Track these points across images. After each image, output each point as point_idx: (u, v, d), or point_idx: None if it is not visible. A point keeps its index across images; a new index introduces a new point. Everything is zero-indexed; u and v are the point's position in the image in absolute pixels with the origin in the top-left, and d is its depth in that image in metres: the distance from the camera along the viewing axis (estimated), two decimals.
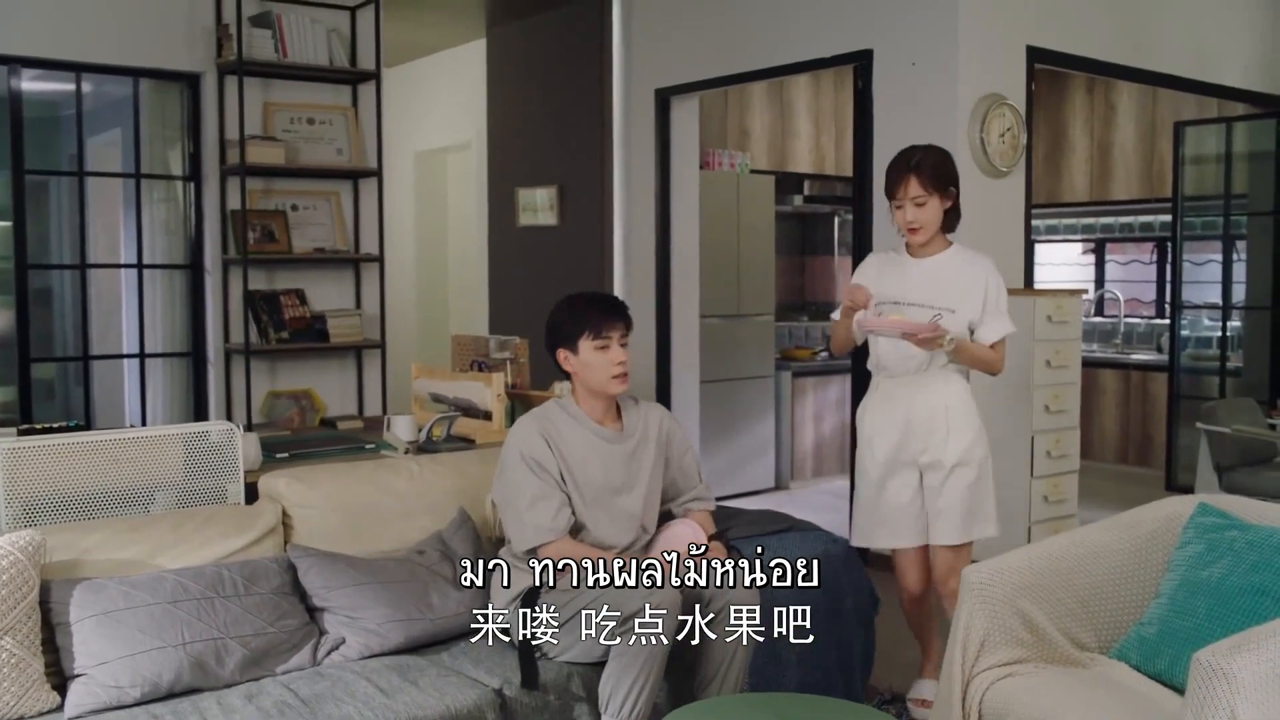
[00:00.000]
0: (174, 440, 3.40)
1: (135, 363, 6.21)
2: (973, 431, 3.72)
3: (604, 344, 3.24)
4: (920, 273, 3.73)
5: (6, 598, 2.68)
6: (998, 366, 3.72)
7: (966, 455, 3.70)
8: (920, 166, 3.60)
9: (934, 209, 3.64)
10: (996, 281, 3.72)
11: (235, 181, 5.91)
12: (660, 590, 2.93)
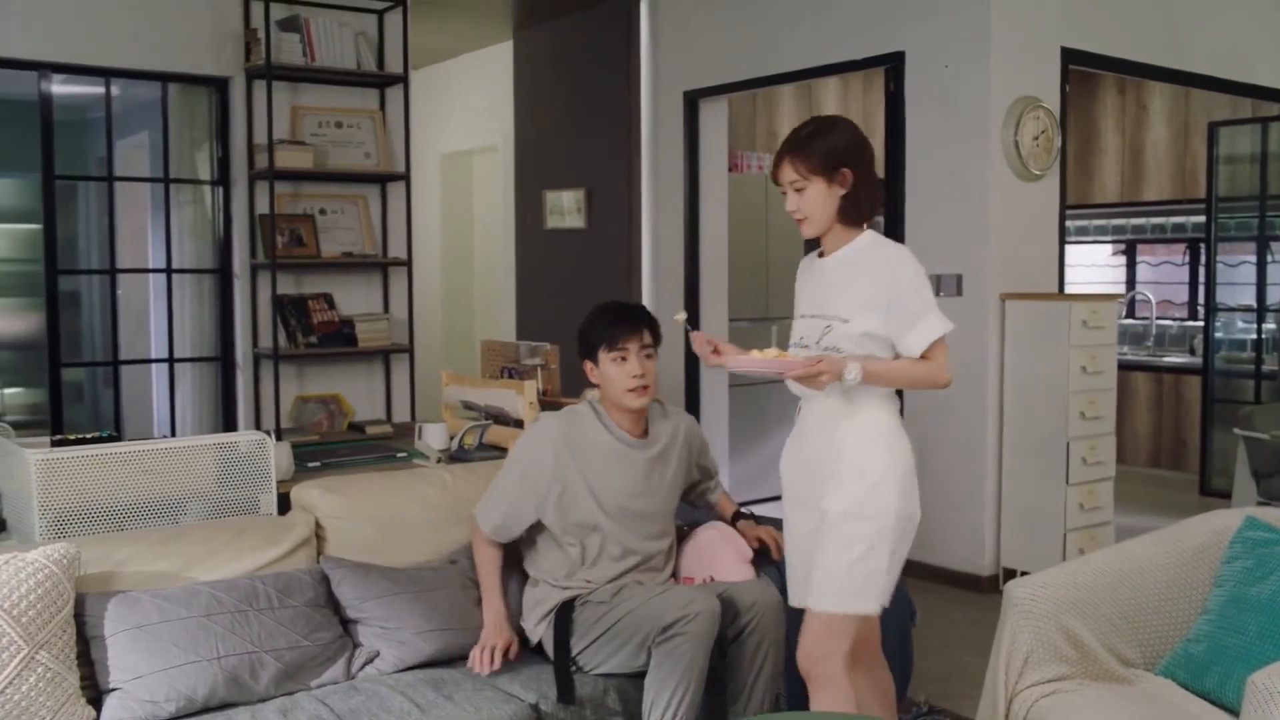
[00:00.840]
0: (206, 451, 3.38)
1: (164, 367, 6.20)
2: (873, 478, 2.82)
3: (620, 355, 3.20)
4: (821, 275, 3.01)
5: (42, 611, 2.66)
6: (940, 379, 2.86)
7: (857, 508, 2.81)
8: (798, 146, 2.88)
9: (818, 196, 2.86)
10: (909, 276, 2.86)
11: (264, 185, 5.90)
12: (698, 598, 2.91)
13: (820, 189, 2.86)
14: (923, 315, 2.83)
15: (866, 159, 2.90)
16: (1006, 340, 5.37)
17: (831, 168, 2.84)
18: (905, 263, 2.89)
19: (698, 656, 2.87)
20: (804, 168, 2.86)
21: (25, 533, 3.17)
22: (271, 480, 3.44)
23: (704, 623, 2.87)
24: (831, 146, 2.85)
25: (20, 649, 2.59)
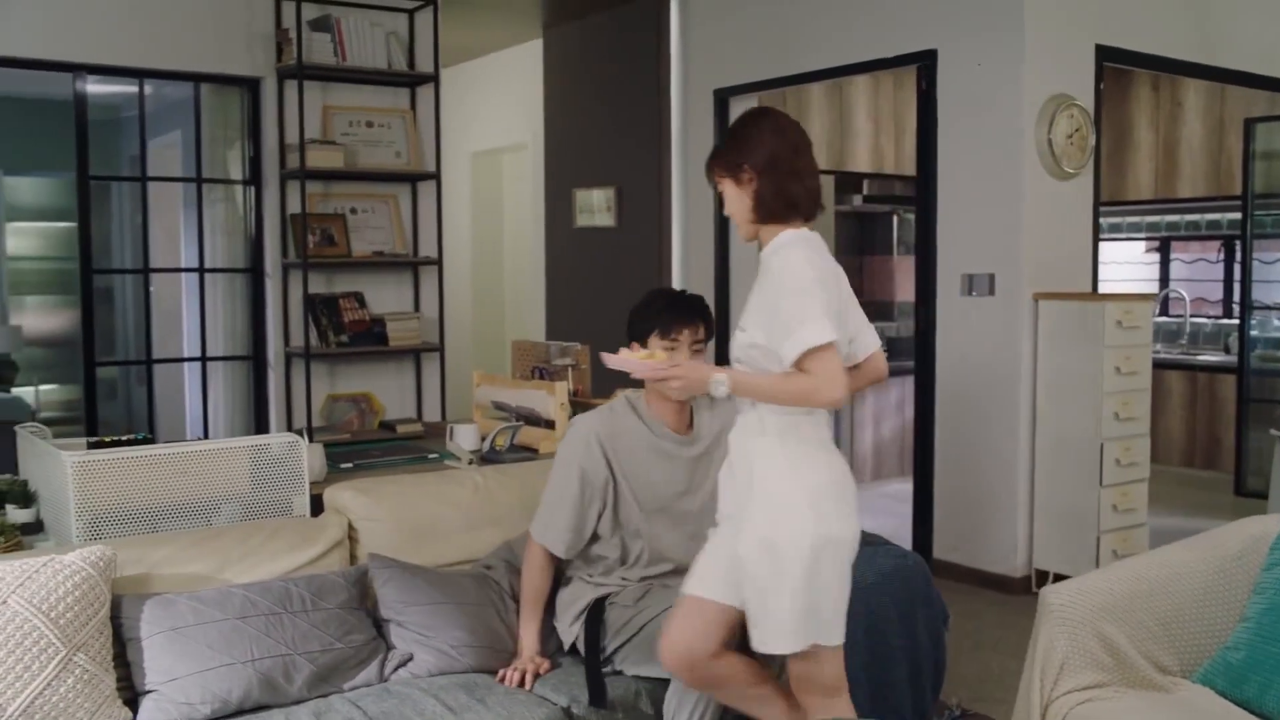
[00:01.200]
0: (240, 453, 3.39)
1: (197, 366, 6.24)
2: (779, 502, 2.59)
3: (672, 345, 3.15)
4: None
5: (80, 614, 2.68)
6: (814, 395, 2.49)
7: (762, 540, 2.59)
8: (714, 148, 2.79)
9: (731, 197, 2.70)
10: (789, 283, 2.56)
11: (295, 185, 5.93)
12: None
13: (731, 190, 2.71)
14: (799, 325, 2.49)
15: (774, 154, 2.65)
16: (1040, 340, 5.33)
17: (735, 167, 2.69)
18: (788, 268, 2.58)
19: None
20: (715, 169, 2.75)
21: (62, 534, 3.19)
22: (304, 482, 3.45)
23: None
24: (735, 145, 2.71)
25: (58, 650, 2.62)
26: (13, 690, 2.55)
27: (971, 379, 5.54)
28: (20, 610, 2.60)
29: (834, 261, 2.69)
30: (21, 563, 2.69)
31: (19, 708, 2.55)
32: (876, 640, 3.48)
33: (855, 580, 3.45)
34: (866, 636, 3.45)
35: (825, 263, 2.63)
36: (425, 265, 6.33)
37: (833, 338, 2.48)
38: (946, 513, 5.69)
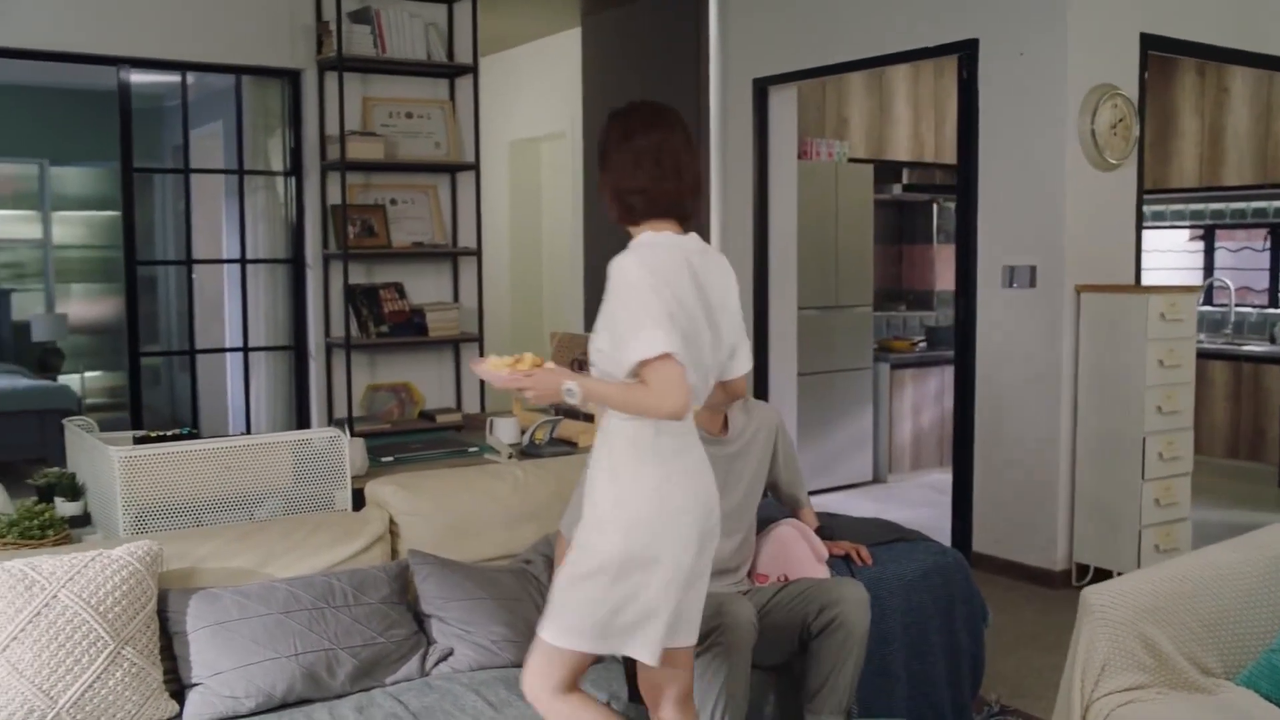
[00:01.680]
0: (282, 447, 3.43)
1: (239, 355, 6.30)
2: (599, 511, 2.48)
3: None
4: None
5: (127, 608, 2.72)
6: (653, 407, 2.33)
7: (584, 538, 2.50)
8: None
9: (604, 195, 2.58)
10: (625, 288, 2.36)
11: (335, 176, 5.96)
12: (732, 607, 2.90)
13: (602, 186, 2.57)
14: (633, 335, 2.32)
15: (607, 152, 2.50)
16: (1081, 333, 5.29)
17: (599, 167, 2.56)
18: (623, 271, 2.38)
19: (736, 665, 2.88)
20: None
21: (109, 527, 3.24)
22: (346, 476, 3.48)
23: (737, 633, 2.87)
24: (600, 143, 2.57)
25: (107, 644, 2.66)
26: (64, 683, 2.60)
27: (1012, 371, 5.50)
28: (70, 604, 2.65)
29: (710, 268, 2.48)
30: (70, 557, 2.74)
31: (70, 700, 2.60)
32: (915, 637, 3.49)
33: (895, 576, 3.48)
34: (905, 633, 3.46)
35: (675, 269, 2.40)
36: (464, 256, 6.36)
37: (665, 349, 2.29)
38: (986, 505, 5.66)
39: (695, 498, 2.47)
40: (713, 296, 2.48)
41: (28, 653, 2.59)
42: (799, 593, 3.12)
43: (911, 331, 8.64)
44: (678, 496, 2.44)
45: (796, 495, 3.55)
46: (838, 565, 3.44)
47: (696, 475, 2.49)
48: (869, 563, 3.47)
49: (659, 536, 2.41)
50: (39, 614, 2.62)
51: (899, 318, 8.66)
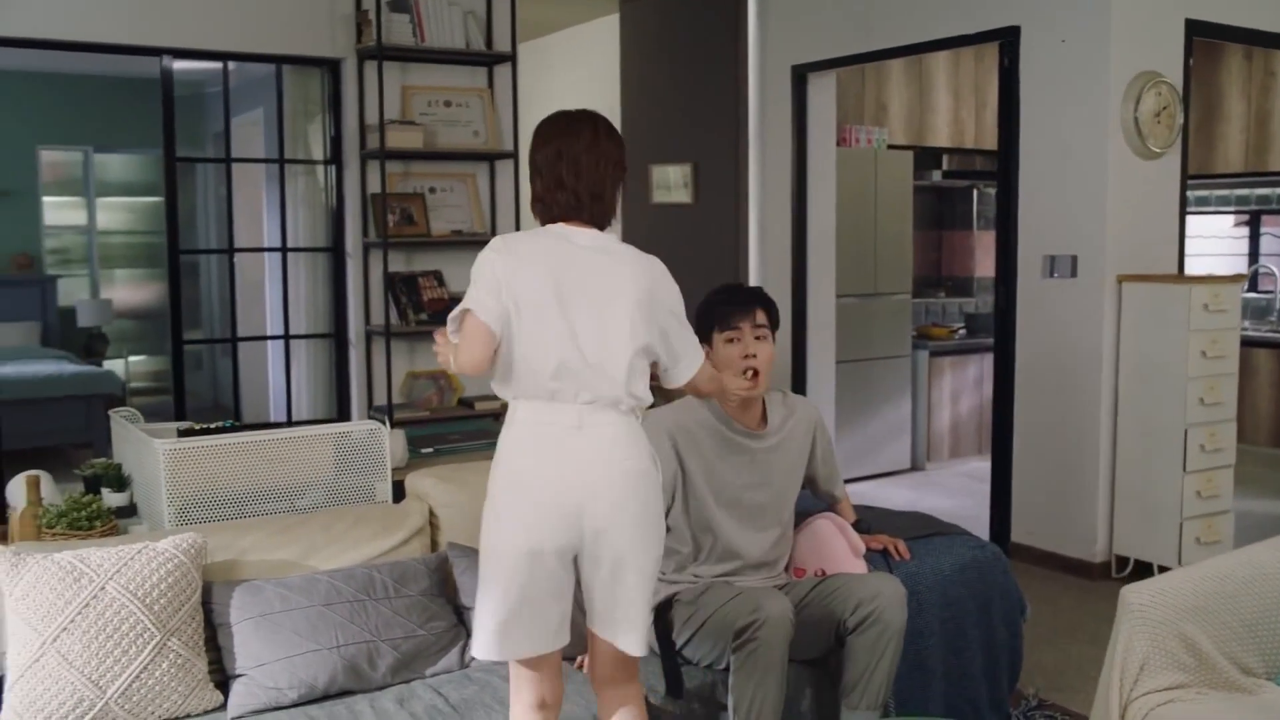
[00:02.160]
0: (324, 440, 3.47)
1: (280, 343, 6.36)
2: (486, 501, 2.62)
3: (733, 335, 3.17)
4: None
5: (173, 600, 2.77)
6: (455, 356, 2.54)
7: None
8: None
9: None
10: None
11: (375, 165, 5.99)
12: (767, 603, 2.91)
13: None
14: (465, 300, 2.50)
15: (530, 161, 2.67)
16: (1123, 323, 5.25)
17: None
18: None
19: (772, 661, 2.88)
20: None
21: (155, 518, 3.29)
22: (387, 468, 3.52)
23: (773, 628, 2.87)
24: None
25: (153, 636, 2.71)
26: (112, 673, 2.65)
27: (1052, 361, 5.47)
28: (117, 596, 2.70)
29: (600, 267, 2.53)
30: (118, 550, 2.79)
31: (118, 690, 2.65)
32: (953, 632, 3.48)
33: (932, 571, 3.47)
34: (943, 628, 3.46)
35: (531, 254, 2.49)
36: None
37: (468, 305, 2.44)
38: (1025, 496, 5.64)
39: (537, 476, 2.48)
40: (587, 291, 2.50)
41: (77, 643, 2.64)
42: (836, 588, 3.13)
43: (951, 318, 8.60)
44: (527, 476, 2.48)
45: (834, 491, 3.55)
46: (875, 560, 3.44)
47: (550, 460, 2.48)
48: (906, 557, 3.47)
49: (509, 527, 2.48)
50: (88, 605, 2.67)
51: (938, 304, 8.62)
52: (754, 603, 2.92)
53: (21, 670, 2.62)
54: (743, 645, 2.89)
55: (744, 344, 3.15)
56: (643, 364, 2.55)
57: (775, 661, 2.89)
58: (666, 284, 2.60)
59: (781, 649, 2.90)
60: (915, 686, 3.39)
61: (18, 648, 2.65)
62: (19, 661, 2.63)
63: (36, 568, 2.70)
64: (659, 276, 2.61)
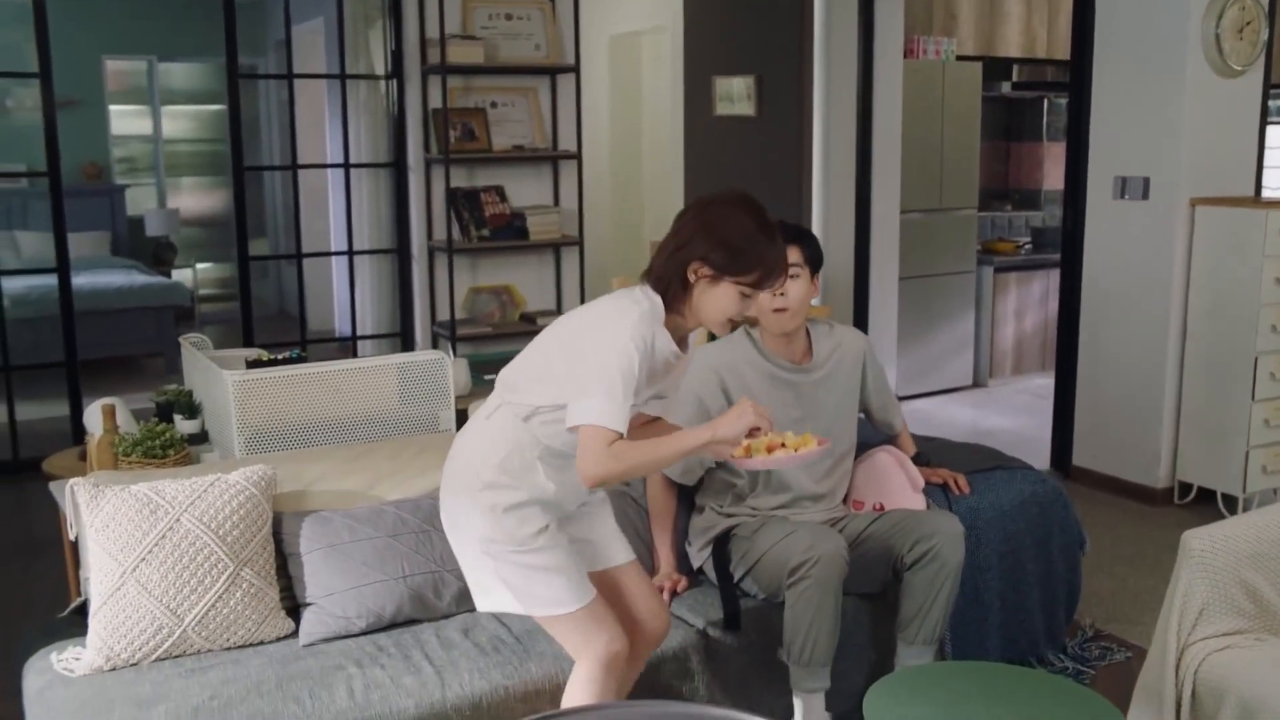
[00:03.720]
0: (389, 370, 3.52)
1: (344, 258, 6.42)
2: None
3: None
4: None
5: (245, 530, 2.85)
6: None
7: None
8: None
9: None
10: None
11: (436, 80, 5.97)
12: (821, 541, 2.93)
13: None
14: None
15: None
16: (1195, 248, 5.14)
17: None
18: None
19: (825, 599, 2.91)
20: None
21: (225, 446, 3.37)
22: (450, 397, 3.57)
23: (826, 567, 2.90)
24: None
25: (227, 566, 2.80)
26: (189, 603, 2.75)
27: (1120, 284, 5.38)
28: (192, 528, 2.78)
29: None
30: (191, 483, 2.87)
31: (195, 618, 2.75)
32: (1011, 565, 3.50)
33: (991, 505, 3.49)
34: (1001, 562, 3.47)
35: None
36: (564, 159, 6.35)
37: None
38: (1087, 419, 5.60)
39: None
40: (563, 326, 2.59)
41: (155, 573, 2.73)
42: (894, 524, 3.15)
43: (1017, 232, 8.47)
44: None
45: (890, 420, 3.54)
46: (934, 494, 3.45)
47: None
48: (966, 491, 3.47)
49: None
50: (164, 537, 2.76)
51: (1004, 218, 8.49)
52: (808, 541, 2.95)
53: (104, 598, 2.72)
54: (797, 582, 2.93)
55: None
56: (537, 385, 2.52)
57: (829, 598, 2.92)
58: (594, 336, 2.46)
59: (835, 586, 2.93)
60: (971, 620, 3.42)
61: (100, 576, 2.75)
62: (101, 589, 2.73)
63: (115, 499, 2.79)
64: (596, 327, 2.48)
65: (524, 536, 2.50)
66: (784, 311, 3.15)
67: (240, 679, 2.65)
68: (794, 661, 2.98)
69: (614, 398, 2.34)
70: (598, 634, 2.53)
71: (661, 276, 2.47)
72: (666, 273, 2.46)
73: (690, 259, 2.43)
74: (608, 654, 2.52)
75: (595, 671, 2.53)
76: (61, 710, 2.53)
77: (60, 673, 2.70)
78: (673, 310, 2.48)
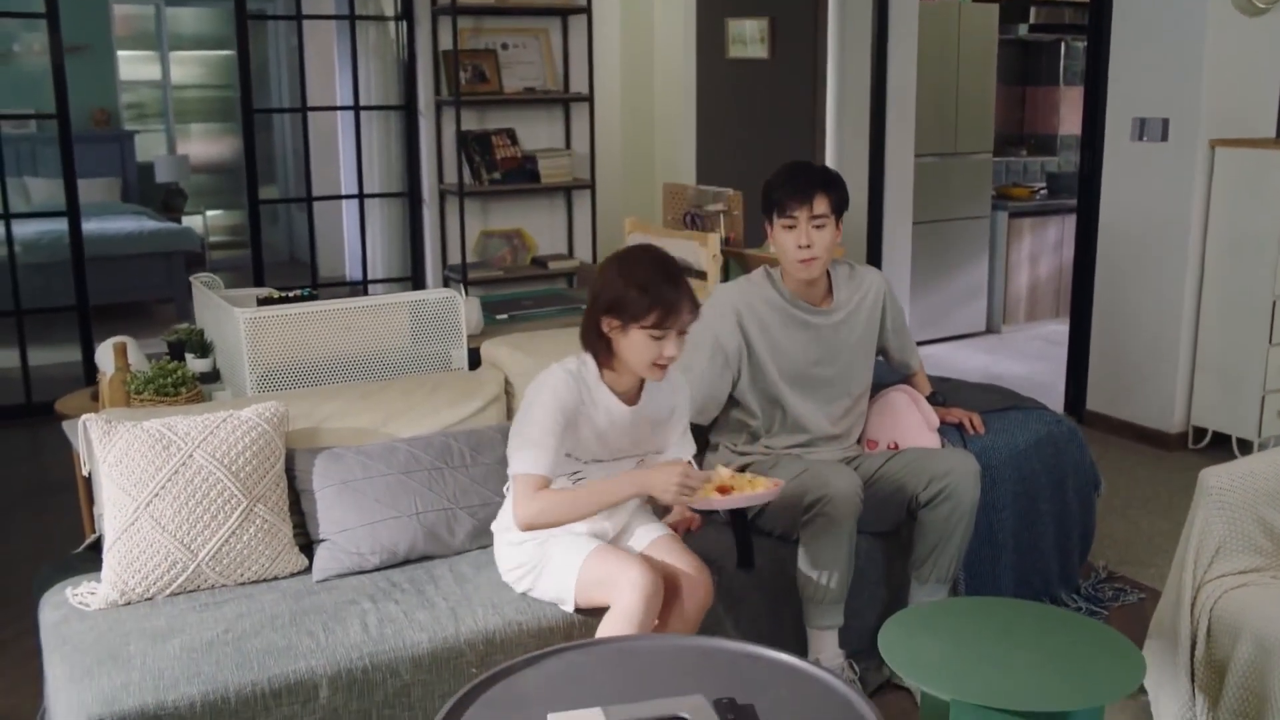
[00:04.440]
0: (400, 308, 3.50)
1: (354, 201, 6.38)
2: None
3: (789, 223, 3.12)
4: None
5: (258, 467, 2.84)
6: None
7: None
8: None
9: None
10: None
11: (446, 21, 5.91)
12: (835, 477, 2.92)
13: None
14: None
15: None
16: (1214, 190, 5.07)
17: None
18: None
19: (840, 536, 2.91)
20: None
21: (237, 385, 3.36)
22: (462, 335, 3.54)
23: (841, 503, 2.89)
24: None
25: (240, 502, 2.79)
26: (202, 538, 2.75)
27: (1137, 227, 5.33)
28: (205, 464, 2.78)
29: None
30: (203, 419, 2.86)
31: (209, 553, 2.75)
32: (1025, 506, 3.49)
33: (1006, 445, 3.47)
34: (1015, 502, 3.46)
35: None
36: (576, 101, 6.30)
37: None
38: (1102, 363, 5.56)
39: None
40: None
41: (169, 509, 2.73)
42: (908, 462, 3.13)
43: (1032, 178, 8.39)
44: None
45: (907, 361, 3.52)
46: (949, 433, 3.43)
47: None
48: (981, 431, 3.45)
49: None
50: (176, 472, 2.75)
51: (1019, 163, 8.40)
52: (822, 477, 2.94)
53: (119, 533, 2.72)
54: (811, 520, 2.92)
55: (799, 232, 3.10)
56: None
57: (843, 535, 2.92)
58: (526, 398, 2.72)
59: (849, 523, 2.92)
60: (986, 559, 3.42)
61: (113, 511, 2.75)
62: (115, 524, 2.73)
63: (127, 435, 2.78)
64: (529, 390, 2.74)
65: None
66: (810, 261, 3.12)
67: (254, 613, 2.65)
68: (808, 598, 2.98)
69: (537, 445, 2.56)
70: (620, 574, 2.56)
71: (586, 337, 2.68)
72: (588, 332, 2.67)
73: (599, 315, 2.62)
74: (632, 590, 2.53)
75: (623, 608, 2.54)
76: (78, 643, 2.54)
77: (75, 607, 2.70)
78: (607, 367, 2.68)
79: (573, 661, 2.23)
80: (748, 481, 2.65)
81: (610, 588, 2.58)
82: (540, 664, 2.21)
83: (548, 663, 2.21)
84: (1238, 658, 2.62)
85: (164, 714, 2.32)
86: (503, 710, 2.06)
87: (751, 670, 2.19)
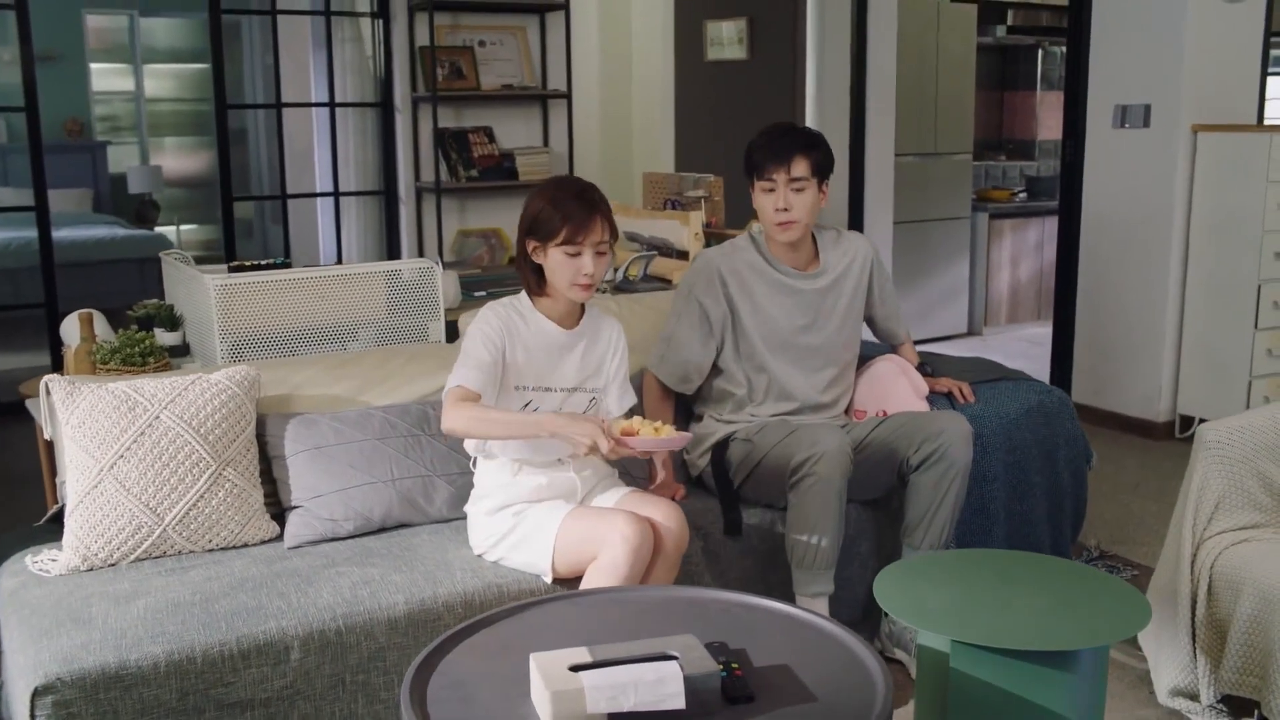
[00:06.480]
0: (376, 278, 3.41)
1: (330, 201, 6.30)
2: None
3: (768, 186, 3.07)
4: None
5: (228, 430, 2.74)
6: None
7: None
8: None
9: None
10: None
11: (423, 17, 5.85)
12: (825, 437, 2.84)
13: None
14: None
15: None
16: (1197, 175, 5.05)
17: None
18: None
19: (829, 497, 2.82)
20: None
21: (207, 356, 3.27)
22: (439, 308, 3.46)
23: (830, 463, 2.81)
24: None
25: (209, 465, 2.69)
26: (169, 501, 2.65)
27: (1120, 216, 5.29)
28: (172, 425, 2.68)
29: None
30: (171, 380, 2.77)
31: (176, 516, 2.65)
32: (1016, 476, 3.41)
33: (997, 415, 3.40)
34: (1006, 472, 3.39)
35: None
36: (554, 98, 6.24)
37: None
38: (1087, 355, 5.51)
39: None
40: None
41: (134, 470, 2.63)
42: (899, 425, 3.06)
43: (1011, 182, 8.38)
44: None
45: (894, 329, 3.46)
46: (939, 402, 3.36)
47: None
48: (971, 400, 3.38)
49: None
50: (143, 434, 2.65)
51: (998, 167, 8.40)
52: (811, 437, 2.86)
53: (81, 496, 2.62)
54: (800, 481, 2.84)
55: (778, 195, 3.05)
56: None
57: (833, 497, 2.83)
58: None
59: (839, 484, 2.83)
60: (977, 530, 3.34)
61: (76, 474, 2.64)
62: (78, 488, 2.63)
63: (91, 396, 2.68)
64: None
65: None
66: (789, 225, 3.07)
67: (223, 577, 2.55)
68: (797, 564, 2.89)
69: (467, 363, 2.59)
70: (607, 529, 2.51)
71: (519, 266, 2.74)
72: (520, 262, 2.73)
73: (523, 240, 2.69)
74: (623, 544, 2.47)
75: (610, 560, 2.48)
76: (37, 607, 2.43)
77: (35, 574, 2.60)
78: (542, 294, 2.72)
79: (557, 612, 2.15)
80: (653, 429, 2.53)
81: (596, 543, 2.49)
82: (523, 613, 2.12)
83: (531, 612, 2.13)
84: (1240, 614, 2.55)
85: (126, 674, 2.21)
86: (484, 655, 1.97)
87: (745, 618, 2.11)
